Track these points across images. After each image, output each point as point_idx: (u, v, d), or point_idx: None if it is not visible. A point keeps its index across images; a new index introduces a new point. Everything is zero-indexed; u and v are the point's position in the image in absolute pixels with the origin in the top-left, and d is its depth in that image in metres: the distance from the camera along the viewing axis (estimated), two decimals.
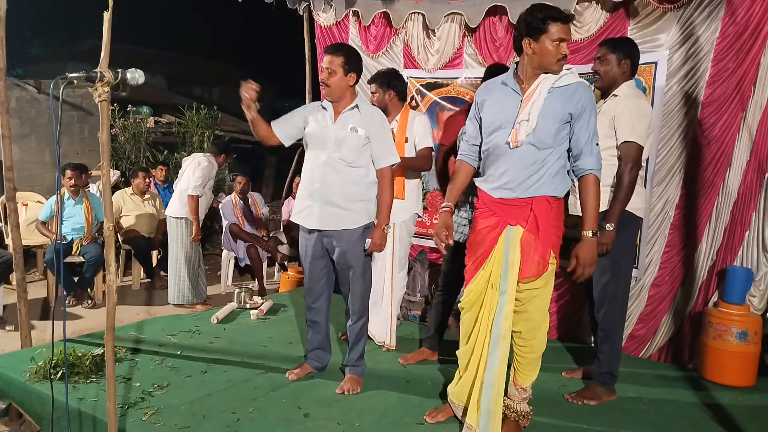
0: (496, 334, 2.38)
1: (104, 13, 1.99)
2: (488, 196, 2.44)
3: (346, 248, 2.90)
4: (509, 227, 2.37)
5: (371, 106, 3.03)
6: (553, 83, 2.32)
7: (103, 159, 2.11)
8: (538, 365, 2.50)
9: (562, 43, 2.29)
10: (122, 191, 6.16)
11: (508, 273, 2.34)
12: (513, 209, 2.36)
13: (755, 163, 3.27)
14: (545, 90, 2.32)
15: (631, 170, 2.69)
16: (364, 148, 2.87)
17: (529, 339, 2.44)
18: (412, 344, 3.69)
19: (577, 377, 3.16)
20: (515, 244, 2.34)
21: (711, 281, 3.43)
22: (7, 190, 3.33)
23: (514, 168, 2.35)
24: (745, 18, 3.19)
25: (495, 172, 2.42)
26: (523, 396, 2.51)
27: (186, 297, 5.04)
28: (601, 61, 2.87)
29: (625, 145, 2.72)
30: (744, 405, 2.91)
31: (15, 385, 2.91)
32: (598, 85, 2.89)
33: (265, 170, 12.62)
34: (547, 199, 2.34)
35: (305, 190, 2.95)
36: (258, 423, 2.56)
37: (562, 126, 2.32)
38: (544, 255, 2.32)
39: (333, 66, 2.84)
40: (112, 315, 2.14)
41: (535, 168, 2.33)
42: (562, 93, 2.31)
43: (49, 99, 7.18)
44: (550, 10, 2.33)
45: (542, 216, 2.32)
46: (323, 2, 4.80)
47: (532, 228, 2.33)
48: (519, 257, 2.33)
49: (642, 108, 2.78)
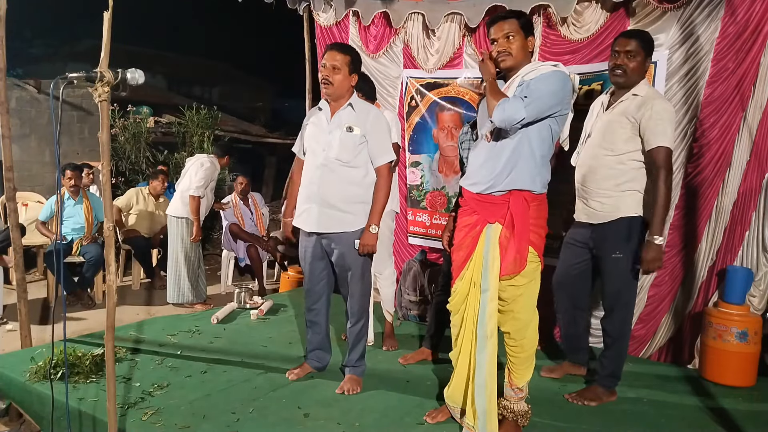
0: (482, 334, 2.39)
1: (104, 13, 1.99)
2: (469, 192, 2.48)
3: (345, 250, 2.89)
4: (489, 225, 2.39)
5: (366, 104, 3.01)
6: (523, 77, 2.37)
7: (103, 159, 2.11)
8: (531, 364, 2.50)
9: (494, 43, 2.43)
10: (138, 189, 6.18)
11: (488, 271, 2.36)
12: (491, 206, 2.39)
13: (755, 163, 3.27)
14: (515, 85, 2.38)
15: (667, 177, 2.64)
16: (360, 146, 2.84)
17: (519, 339, 2.44)
18: (412, 344, 3.69)
19: (557, 377, 3.14)
20: (494, 241, 2.36)
21: (711, 281, 3.43)
22: (7, 190, 3.33)
23: (491, 161, 2.39)
24: (745, 18, 3.18)
25: (473, 166, 2.47)
26: (519, 396, 2.51)
27: (186, 297, 5.04)
28: (629, 56, 2.73)
29: (657, 150, 2.64)
30: (744, 405, 2.91)
31: (15, 385, 2.91)
32: (621, 81, 2.77)
33: (265, 170, 12.61)
34: (525, 196, 2.36)
35: (304, 193, 2.95)
36: (258, 423, 2.56)
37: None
38: (520, 251, 2.33)
39: (338, 64, 2.81)
40: (112, 315, 2.14)
41: (510, 159, 2.35)
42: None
43: (49, 99, 7.18)
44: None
45: (519, 213, 2.34)
46: (323, 2, 4.80)
47: (508, 225, 2.35)
48: (498, 254, 2.35)
49: (670, 110, 2.72)
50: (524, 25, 2.43)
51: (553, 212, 3.43)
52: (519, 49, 2.39)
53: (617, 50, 2.77)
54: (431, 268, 4.24)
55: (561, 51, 3.82)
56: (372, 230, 2.85)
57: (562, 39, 3.81)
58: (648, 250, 2.65)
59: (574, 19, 3.74)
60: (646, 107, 2.67)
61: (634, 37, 2.77)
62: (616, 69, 2.76)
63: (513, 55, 2.39)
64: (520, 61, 2.41)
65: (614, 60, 2.77)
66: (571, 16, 3.72)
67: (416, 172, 4.60)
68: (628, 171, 2.73)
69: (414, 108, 4.53)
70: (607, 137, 2.77)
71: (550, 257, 3.59)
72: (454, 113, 4.35)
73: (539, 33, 3.89)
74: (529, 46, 2.43)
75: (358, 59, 2.93)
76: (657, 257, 2.64)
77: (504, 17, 2.43)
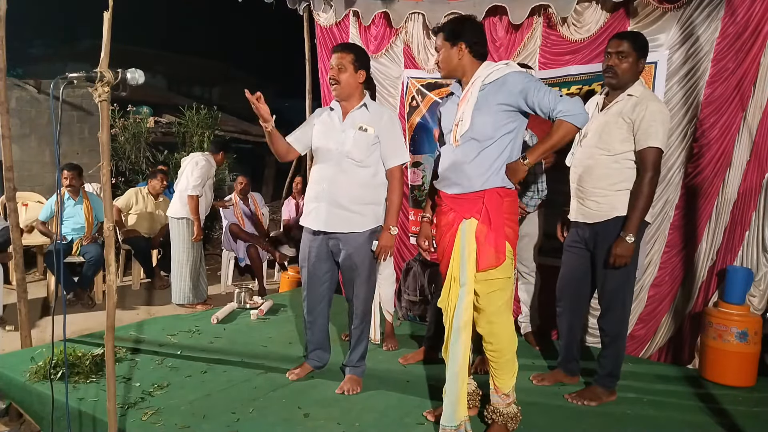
0: (456, 326, 2.40)
1: (104, 13, 1.99)
2: (444, 193, 2.53)
3: (352, 251, 2.88)
4: (464, 221, 2.42)
5: (380, 105, 3.01)
6: (483, 80, 2.40)
7: (103, 159, 2.11)
8: (513, 368, 2.48)
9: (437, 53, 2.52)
10: (137, 189, 6.18)
11: (465, 264, 2.39)
12: (467, 203, 2.43)
13: (755, 163, 3.27)
14: (476, 88, 2.40)
15: (653, 178, 2.65)
16: (373, 147, 2.84)
17: (496, 342, 2.45)
18: (412, 344, 3.69)
19: (548, 384, 3.08)
20: (470, 236, 2.38)
21: (711, 281, 3.43)
22: (7, 190, 3.33)
23: (461, 164, 2.42)
24: (745, 18, 3.18)
25: (446, 171, 2.50)
26: (507, 402, 2.49)
27: (187, 297, 5.04)
28: (620, 57, 2.74)
29: (647, 151, 2.65)
30: (744, 405, 2.91)
31: (15, 385, 2.91)
32: (613, 82, 2.78)
33: (265, 170, 12.61)
34: (498, 191, 2.39)
35: (313, 191, 2.93)
36: (258, 423, 2.56)
37: (500, 116, 2.36)
38: (497, 245, 2.36)
39: (343, 62, 2.82)
40: (112, 315, 2.14)
41: (480, 161, 2.38)
42: (493, 87, 2.38)
43: (49, 99, 7.18)
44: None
45: (494, 208, 2.37)
46: (323, 2, 4.80)
47: (485, 220, 2.37)
48: (474, 248, 2.37)
49: (664, 112, 2.72)
50: (448, 34, 2.48)
51: (554, 212, 3.47)
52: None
53: (609, 51, 2.78)
54: (431, 268, 4.23)
55: (561, 51, 3.83)
56: (392, 232, 2.87)
57: (563, 39, 3.81)
58: (618, 245, 2.68)
59: (574, 19, 3.74)
60: (641, 108, 2.68)
61: (625, 39, 2.78)
62: (607, 70, 2.79)
63: (441, 66, 2.53)
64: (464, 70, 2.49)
65: (606, 61, 2.80)
66: (572, 16, 3.72)
67: (418, 173, 4.60)
68: (623, 170, 2.74)
69: (415, 108, 4.53)
70: (604, 137, 2.78)
71: (550, 257, 3.63)
72: None
73: (539, 33, 3.90)
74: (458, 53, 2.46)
75: (364, 56, 2.92)
76: (625, 254, 2.68)
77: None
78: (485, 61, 2.47)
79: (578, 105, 2.31)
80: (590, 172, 2.83)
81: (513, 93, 2.34)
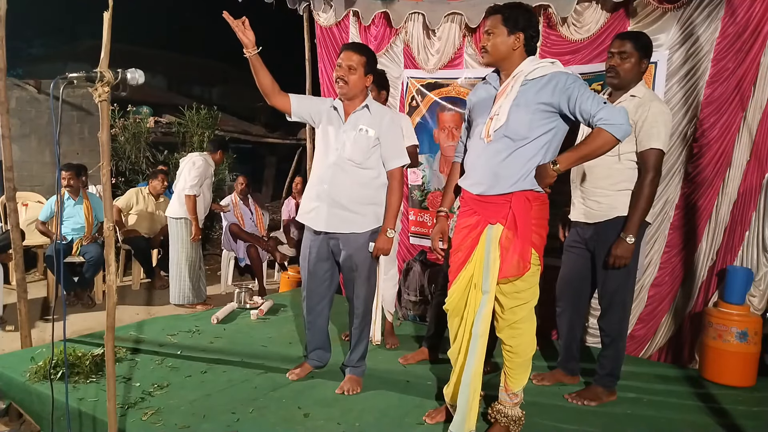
0: (475, 333, 2.35)
1: (104, 13, 1.99)
2: (468, 193, 2.42)
3: (353, 252, 2.88)
4: (490, 226, 2.33)
5: (381, 106, 3.00)
6: (526, 75, 2.29)
7: (103, 159, 2.10)
8: (527, 369, 2.46)
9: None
10: (138, 189, 6.18)
11: (489, 272, 2.30)
12: (493, 207, 2.32)
13: (755, 163, 3.27)
14: (518, 83, 2.29)
15: (654, 179, 2.64)
16: (374, 149, 2.83)
17: (515, 346, 2.40)
18: (412, 344, 3.69)
19: (548, 384, 3.08)
20: (495, 242, 2.30)
21: (711, 281, 3.43)
22: (7, 190, 3.33)
23: (491, 162, 2.31)
24: (745, 18, 3.19)
25: (473, 168, 2.40)
26: (514, 401, 2.46)
27: (187, 297, 5.04)
28: (622, 57, 2.72)
29: (648, 152, 2.64)
30: (744, 405, 2.91)
31: (15, 385, 2.91)
32: (614, 82, 2.76)
33: (265, 170, 12.61)
34: (527, 195, 2.28)
35: (313, 191, 2.93)
36: (258, 423, 2.56)
37: (538, 116, 2.25)
38: (523, 254, 2.26)
39: (355, 63, 2.79)
40: (112, 315, 2.14)
41: (511, 161, 2.28)
42: (536, 84, 2.26)
43: (49, 99, 7.18)
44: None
45: (521, 213, 2.27)
46: (323, 2, 4.80)
47: (511, 225, 2.28)
48: (499, 255, 2.29)
49: (666, 113, 2.71)
50: (508, 20, 2.32)
51: (554, 212, 3.46)
52: (498, 45, 2.34)
53: (611, 51, 2.77)
54: (431, 268, 4.24)
55: (561, 51, 3.82)
56: (389, 234, 2.85)
57: (563, 39, 3.81)
58: (618, 245, 2.67)
59: (574, 19, 3.74)
60: (644, 109, 2.67)
61: (627, 39, 2.76)
62: (609, 70, 2.77)
63: (489, 51, 2.35)
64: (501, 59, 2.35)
65: (608, 61, 2.78)
66: (572, 16, 3.72)
67: (418, 173, 4.60)
68: (624, 171, 2.74)
69: (415, 108, 4.53)
70: None
71: (550, 257, 3.62)
72: (454, 113, 4.35)
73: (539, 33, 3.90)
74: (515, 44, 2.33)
75: (374, 60, 2.90)
76: (624, 255, 2.66)
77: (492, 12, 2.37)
78: (530, 57, 2.35)
79: (622, 116, 2.17)
80: (592, 172, 2.82)
81: (556, 92, 2.22)
